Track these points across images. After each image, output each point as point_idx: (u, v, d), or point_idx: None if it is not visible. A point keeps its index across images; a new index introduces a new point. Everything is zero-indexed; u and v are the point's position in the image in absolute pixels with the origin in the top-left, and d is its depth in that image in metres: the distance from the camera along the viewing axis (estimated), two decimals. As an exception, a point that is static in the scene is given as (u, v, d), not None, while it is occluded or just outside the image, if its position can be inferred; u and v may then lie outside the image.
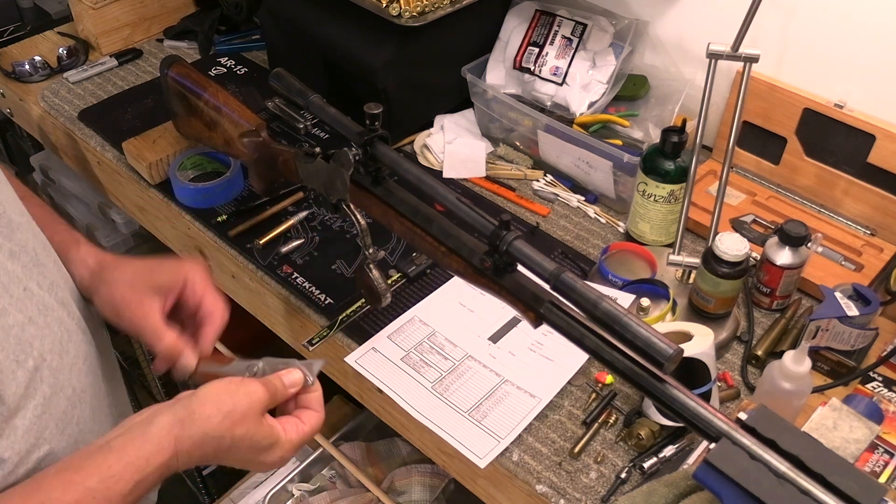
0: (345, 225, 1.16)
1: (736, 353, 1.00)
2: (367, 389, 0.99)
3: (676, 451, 0.87)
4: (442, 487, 1.37)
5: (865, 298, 0.94)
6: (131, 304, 0.81)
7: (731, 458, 0.56)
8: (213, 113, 1.10)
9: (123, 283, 0.82)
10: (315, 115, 0.92)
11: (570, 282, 0.65)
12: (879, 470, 0.82)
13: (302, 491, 1.42)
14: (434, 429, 0.90)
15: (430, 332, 1.01)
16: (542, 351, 0.98)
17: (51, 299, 0.75)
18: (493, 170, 1.26)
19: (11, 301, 0.69)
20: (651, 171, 1.05)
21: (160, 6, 1.57)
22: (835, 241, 1.11)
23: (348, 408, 1.59)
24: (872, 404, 0.89)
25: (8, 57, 1.50)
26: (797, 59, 1.16)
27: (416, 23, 1.13)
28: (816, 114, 1.13)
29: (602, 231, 1.17)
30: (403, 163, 0.81)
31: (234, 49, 1.53)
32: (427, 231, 0.80)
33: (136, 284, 0.82)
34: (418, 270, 1.08)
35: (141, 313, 0.80)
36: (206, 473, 1.99)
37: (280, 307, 1.09)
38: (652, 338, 0.59)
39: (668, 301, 0.98)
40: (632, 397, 0.94)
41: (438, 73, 1.28)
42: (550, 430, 0.91)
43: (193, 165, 1.23)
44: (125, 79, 1.47)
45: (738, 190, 1.20)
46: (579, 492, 0.85)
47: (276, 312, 1.11)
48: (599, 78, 1.23)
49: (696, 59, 1.22)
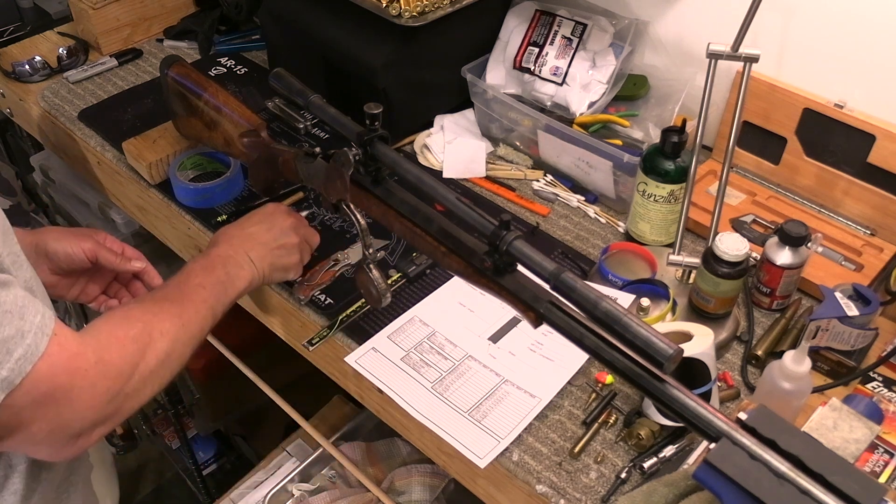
0: (345, 225, 1.16)
1: (736, 353, 1.00)
2: (366, 389, 0.99)
3: (676, 451, 0.87)
4: (442, 487, 1.37)
5: (865, 298, 0.94)
6: (87, 233, 1.00)
7: (731, 458, 0.56)
8: (213, 113, 1.10)
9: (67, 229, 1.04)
10: (315, 115, 0.92)
11: (570, 282, 0.65)
12: (879, 470, 0.82)
13: (302, 491, 1.42)
14: (434, 429, 0.90)
15: (430, 332, 1.01)
16: (542, 351, 0.98)
17: None
18: (493, 170, 1.26)
19: None
20: (651, 171, 1.05)
21: (160, 6, 1.57)
22: (835, 241, 1.11)
23: (348, 408, 1.59)
24: (872, 404, 0.89)
25: (8, 57, 1.50)
26: (797, 59, 1.16)
27: (416, 23, 1.13)
28: (816, 114, 1.13)
29: (602, 231, 1.17)
30: (403, 163, 0.81)
31: (234, 49, 1.53)
32: (427, 231, 0.80)
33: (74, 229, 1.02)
34: (418, 270, 1.08)
35: (99, 237, 1.01)
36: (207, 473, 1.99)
37: (280, 307, 1.09)
38: (652, 338, 0.59)
39: (668, 301, 0.98)
40: (632, 397, 0.94)
41: (438, 73, 1.28)
42: (550, 430, 0.91)
43: (193, 165, 1.23)
44: (125, 79, 1.47)
45: (738, 190, 1.20)
46: (579, 492, 0.85)
47: (276, 312, 1.11)
48: (599, 78, 1.23)
49: (696, 59, 1.22)
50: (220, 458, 2.05)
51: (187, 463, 1.93)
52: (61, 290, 1.02)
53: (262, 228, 0.98)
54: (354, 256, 1.10)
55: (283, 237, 0.99)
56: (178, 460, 2.03)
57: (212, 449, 2.04)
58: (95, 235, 1.01)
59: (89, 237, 0.99)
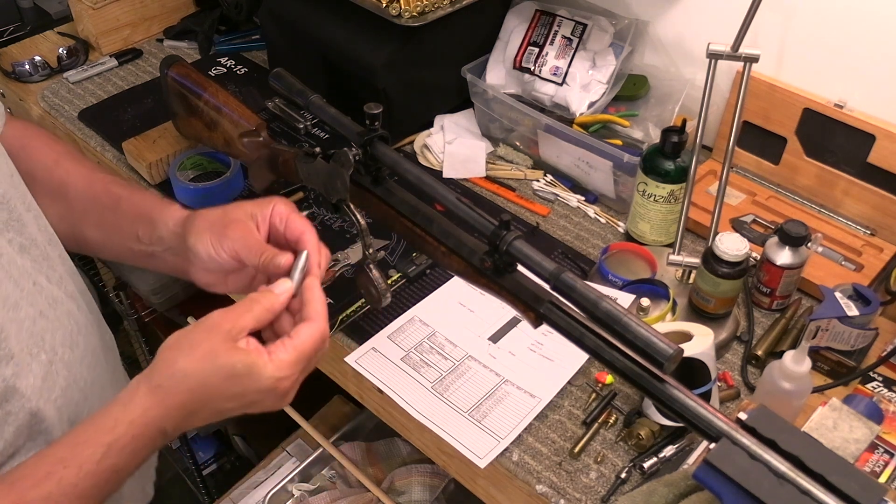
0: (345, 225, 1.16)
1: (736, 353, 1.00)
2: (366, 389, 0.99)
3: (676, 451, 0.87)
4: (442, 487, 1.37)
5: (865, 298, 0.94)
6: (229, 225, 0.77)
7: (731, 458, 0.56)
8: (213, 113, 1.10)
9: (217, 212, 0.79)
10: (315, 115, 0.92)
11: (570, 282, 0.65)
12: (879, 470, 0.82)
13: (302, 491, 1.42)
14: (434, 429, 0.90)
15: (430, 332, 1.01)
16: (542, 351, 0.98)
17: (60, 292, 0.75)
18: (493, 170, 1.26)
19: (23, 295, 0.69)
20: (651, 171, 1.05)
21: (160, 6, 1.57)
22: (835, 241, 1.11)
23: (348, 408, 1.59)
24: (872, 404, 0.89)
25: (8, 57, 1.50)
26: (797, 59, 1.16)
27: (416, 23, 1.13)
28: (816, 114, 1.13)
29: (602, 231, 1.17)
30: (403, 163, 0.81)
31: (234, 49, 1.53)
32: (427, 231, 0.80)
33: (228, 211, 0.79)
34: (418, 270, 1.08)
35: (241, 231, 0.76)
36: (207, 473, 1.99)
37: (280, 307, 1.09)
38: (652, 338, 0.59)
39: (668, 301, 0.98)
40: (632, 397, 0.94)
41: (438, 73, 1.28)
42: (550, 430, 0.91)
43: (193, 165, 1.23)
44: (125, 79, 1.47)
45: (738, 190, 1.20)
46: (579, 492, 0.85)
47: (276, 312, 1.11)
48: (599, 78, 1.23)
49: (696, 59, 1.22)
50: (220, 458, 2.05)
51: (187, 463, 1.93)
52: (230, 287, 0.81)
53: (235, 405, 0.67)
54: (354, 256, 1.10)
55: (253, 407, 0.69)
56: (178, 460, 2.03)
57: (212, 449, 2.04)
58: (259, 212, 0.78)
59: (240, 225, 0.77)
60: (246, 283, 0.80)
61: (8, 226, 0.71)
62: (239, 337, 0.65)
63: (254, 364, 0.64)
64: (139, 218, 0.83)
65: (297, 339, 0.66)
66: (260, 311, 0.67)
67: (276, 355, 0.65)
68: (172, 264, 0.82)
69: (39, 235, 0.76)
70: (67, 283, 0.78)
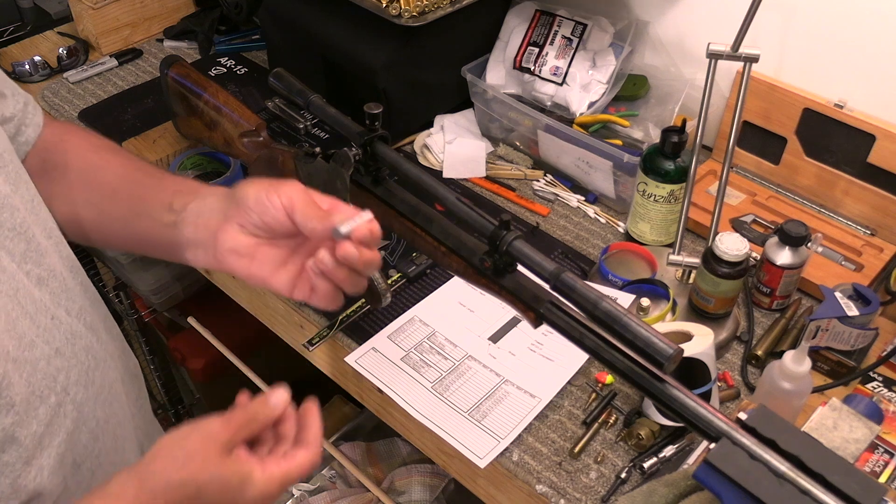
0: (345, 225, 1.16)
1: (736, 353, 1.00)
2: (367, 389, 0.99)
3: (676, 451, 0.87)
4: (442, 487, 1.37)
5: (865, 298, 0.94)
6: (284, 182, 0.72)
7: (731, 458, 0.56)
8: (213, 113, 1.10)
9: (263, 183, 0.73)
10: (315, 115, 0.92)
11: (570, 282, 0.65)
12: (879, 470, 0.82)
13: (302, 491, 1.42)
14: (434, 429, 0.90)
15: (430, 332, 1.01)
16: (542, 351, 0.98)
17: (79, 325, 0.72)
18: (493, 170, 1.26)
19: (38, 332, 0.66)
20: (651, 171, 1.05)
21: (160, 6, 1.57)
22: (835, 241, 1.11)
23: (348, 408, 1.59)
24: (872, 404, 0.89)
25: (8, 57, 1.50)
26: (797, 59, 1.16)
27: (416, 23, 1.13)
28: (816, 114, 1.13)
29: (602, 231, 1.17)
30: (403, 163, 0.81)
31: (234, 49, 1.53)
32: (427, 231, 0.79)
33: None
34: (418, 270, 1.08)
35: (297, 186, 0.72)
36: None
37: (280, 307, 1.09)
38: (652, 338, 0.59)
39: (668, 301, 0.98)
40: (632, 397, 0.94)
41: (438, 73, 1.28)
42: (550, 430, 0.91)
43: (193, 165, 1.23)
44: (125, 79, 1.47)
45: (738, 190, 1.20)
46: (579, 492, 0.85)
47: (276, 312, 1.11)
48: (599, 78, 1.23)
49: (696, 59, 1.22)
50: (221, 458, 2.05)
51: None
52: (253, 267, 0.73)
53: (222, 494, 0.65)
54: (354, 256, 1.10)
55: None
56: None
57: (212, 449, 2.03)
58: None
59: (296, 184, 0.73)
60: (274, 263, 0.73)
61: (26, 257, 0.68)
62: (234, 448, 0.66)
63: (248, 475, 0.64)
64: (181, 190, 0.77)
65: (293, 462, 0.67)
66: (256, 427, 0.68)
67: (269, 470, 0.66)
68: (192, 235, 0.74)
69: (60, 264, 0.72)
70: (88, 314, 0.75)
